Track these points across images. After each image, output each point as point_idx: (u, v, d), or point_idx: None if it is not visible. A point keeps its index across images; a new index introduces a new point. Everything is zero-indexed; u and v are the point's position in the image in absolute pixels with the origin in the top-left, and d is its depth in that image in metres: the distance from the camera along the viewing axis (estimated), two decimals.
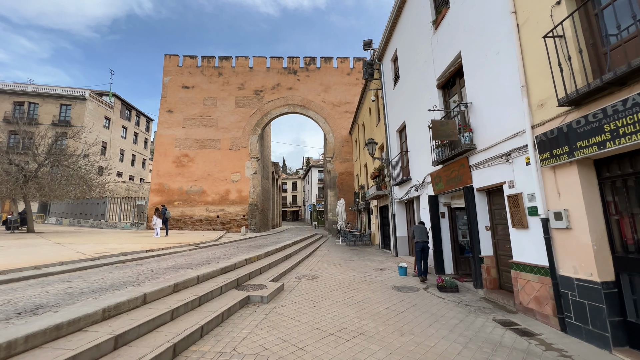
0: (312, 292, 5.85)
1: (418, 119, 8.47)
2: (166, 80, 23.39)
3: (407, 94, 9.40)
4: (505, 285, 5.25)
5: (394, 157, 10.83)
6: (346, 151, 23.25)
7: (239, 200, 21.88)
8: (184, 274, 5.34)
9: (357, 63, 24.58)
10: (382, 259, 10.22)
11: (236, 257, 7.93)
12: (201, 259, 8.41)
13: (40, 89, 32.98)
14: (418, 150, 8.56)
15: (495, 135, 4.98)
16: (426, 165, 7.85)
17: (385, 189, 11.83)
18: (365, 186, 16.94)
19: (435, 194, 7.38)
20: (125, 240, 12.03)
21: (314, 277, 7.23)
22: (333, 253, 12.04)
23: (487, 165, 5.23)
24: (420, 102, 8.34)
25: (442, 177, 6.85)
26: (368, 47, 12.69)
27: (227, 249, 11.33)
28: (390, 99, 11.37)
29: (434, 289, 6.07)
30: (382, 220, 13.43)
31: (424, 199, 8.02)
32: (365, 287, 6.31)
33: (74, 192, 15.12)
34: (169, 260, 8.02)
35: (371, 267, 8.64)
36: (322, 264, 9.37)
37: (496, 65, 4.94)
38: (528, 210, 4.27)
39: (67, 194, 14.70)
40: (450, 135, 5.55)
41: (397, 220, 10.82)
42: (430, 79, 7.55)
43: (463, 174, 5.97)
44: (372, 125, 15.05)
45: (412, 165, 9.18)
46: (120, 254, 8.19)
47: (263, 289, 5.64)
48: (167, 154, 22.33)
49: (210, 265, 6.93)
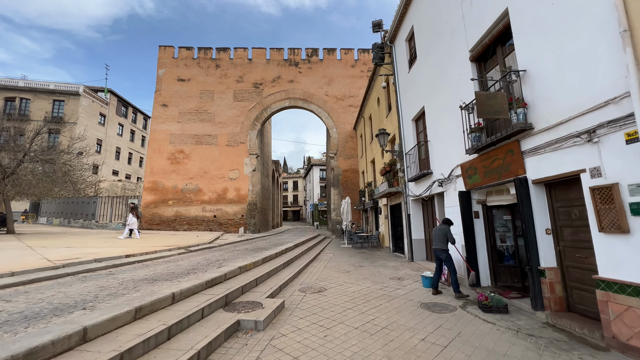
0: (320, 313, 4.61)
1: (442, 102, 7.22)
2: (160, 72, 22.19)
3: (427, 75, 8.15)
4: (576, 307, 4.00)
5: (409, 149, 9.58)
6: (350, 147, 21.99)
7: (237, 199, 20.66)
8: (155, 292, 4.10)
9: (362, 55, 23.33)
10: (397, 265, 8.97)
11: (229, 264, 6.70)
12: (188, 266, 7.18)
13: (32, 84, 31.86)
14: (442, 138, 7.31)
15: (567, 108, 3.73)
16: (454, 155, 6.60)
17: (397, 186, 10.58)
18: (372, 183, 15.69)
19: (467, 190, 6.13)
20: (109, 243, 10.81)
21: (320, 290, 5.99)
22: (339, 257, 10.80)
23: (552, 149, 3.98)
24: (445, 81, 7.09)
25: (478, 168, 5.60)
26: (378, 29, 11.44)
27: (221, 252, 10.11)
28: (404, 84, 10.11)
29: (474, 307, 4.82)
30: (393, 220, 12.17)
31: (452, 196, 6.77)
32: (386, 304, 5.06)
33: (58, 189, 13.90)
34: (149, 268, 6.79)
35: (386, 276, 7.40)
36: (329, 270, 8.13)
37: (570, 12, 3.69)
38: (630, 207, 3.02)
39: (48, 192, 13.48)
40: (500, 112, 4.30)
41: (412, 220, 9.57)
42: (460, 52, 6.30)
43: (511, 163, 4.72)
44: (381, 117, 13.80)
45: (433, 157, 7.93)
46: (92, 261, 6.97)
47: (258, 308, 4.41)
48: (161, 150, 21.12)
49: (195, 276, 5.70)
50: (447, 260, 5.62)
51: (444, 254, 5.68)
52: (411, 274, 7.53)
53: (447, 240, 5.69)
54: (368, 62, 23.14)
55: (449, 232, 5.70)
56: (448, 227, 5.76)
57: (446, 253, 5.66)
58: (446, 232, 5.70)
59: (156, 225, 20.03)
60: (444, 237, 5.70)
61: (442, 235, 5.72)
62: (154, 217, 20.21)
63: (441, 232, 5.76)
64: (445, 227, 5.79)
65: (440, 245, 5.72)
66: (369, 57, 23.29)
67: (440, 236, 5.75)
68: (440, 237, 5.74)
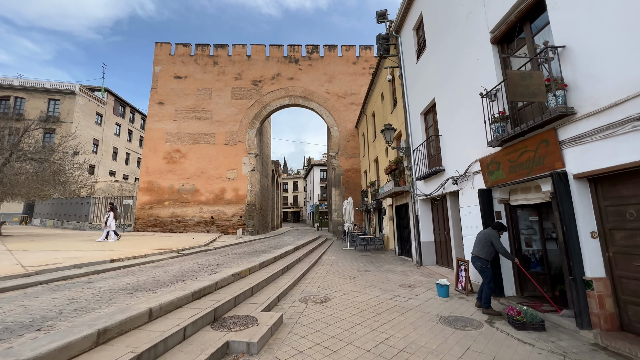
0: (324, 330, 3.95)
1: (457, 92, 6.59)
2: (157, 69, 21.57)
3: (438, 64, 7.52)
4: (633, 327, 3.34)
5: (417, 145, 8.93)
6: (352, 146, 21.35)
7: (235, 199, 20.00)
8: (128, 308, 3.44)
9: (364, 51, 22.72)
10: (405, 270, 8.31)
11: (222, 271, 6.05)
12: (177, 272, 6.53)
13: (27, 83, 31.28)
14: (456, 132, 6.67)
15: (624, 86, 3.09)
16: (471, 149, 5.96)
17: (404, 185, 9.93)
18: (376, 183, 15.04)
19: (488, 187, 5.48)
20: (98, 246, 10.15)
21: (324, 300, 5.33)
22: (342, 261, 10.14)
23: (601, 137, 3.34)
24: (460, 69, 6.45)
25: (502, 162, 4.96)
26: (383, 19, 10.82)
27: (216, 256, 9.45)
28: (411, 76, 9.48)
29: (502, 323, 4.16)
30: (399, 221, 11.52)
31: (469, 195, 6.12)
32: (399, 318, 4.41)
33: (47, 189, 13.25)
34: (133, 275, 6.13)
35: (395, 282, 6.74)
36: (332, 276, 7.47)
37: None
38: None
39: (36, 192, 12.83)
40: (536, 94, 3.66)
41: (421, 221, 8.92)
42: (479, 34, 5.67)
43: (546, 155, 4.08)
44: (385, 114, 13.16)
45: (445, 152, 7.29)
46: (71, 267, 6.32)
47: (252, 324, 3.76)
48: (157, 150, 20.48)
49: (182, 285, 5.05)
50: (482, 271, 4.65)
51: (478, 263, 4.69)
52: (422, 281, 6.87)
53: (490, 250, 4.60)
54: (370, 59, 22.55)
55: (495, 239, 4.55)
56: (496, 233, 4.64)
57: (482, 262, 4.65)
58: (491, 239, 4.58)
59: (151, 227, 19.36)
60: (487, 245, 4.63)
61: (485, 241, 4.66)
62: (149, 219, 19.56)
63: (485, 237, 4.70)
64: (492, 232, 4.67)
65: (478, 252, 4.70)
66: (371, 53, 22.71)
67: (482, 241, 4.72)
68: (481, 243, 4.71)
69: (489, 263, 4.65)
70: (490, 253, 4.63)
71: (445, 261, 8.21)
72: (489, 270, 4.63)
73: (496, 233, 4.66)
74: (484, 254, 4.65)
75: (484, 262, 4.65)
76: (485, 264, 4.64)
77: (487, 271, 4.63)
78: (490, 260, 4.65)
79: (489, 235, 4.66)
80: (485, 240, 4.67)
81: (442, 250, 8.43)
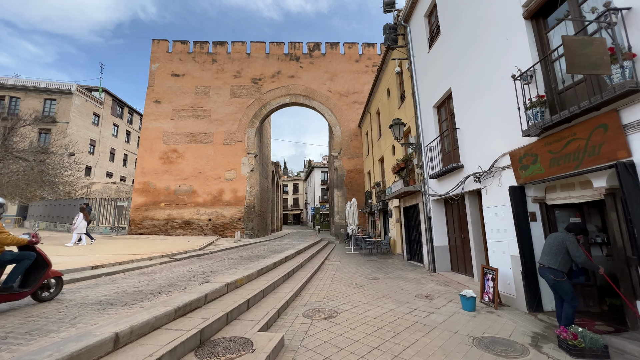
0: (335, 357, 3.21)
1: (478, 78, 5.89)
2: (154, 67, 20.95)
3: (455, 50, 6.84)
4: None
5: (429, 141, 8.23)
6: (355, 146, 20.66)
7: (233, 201, 19.28)
8: (88, 333, 2.70)
9: (367, 49, 22.10)
10: (417, 277, 7.57)
11: (215, 279, 5.32)
12: (165, 280, 5.80)
13: (22, 82, 30.70)
14: (478, 123, 5.96)
15: None
16: (498, 141, 5.25)
17: (414, 184, 9.21)
18: (381, 184, 14.32)
19: (521, 184, 4.75)
20: (85, 251, 9.43)
21: (331, 315, 4.59)
22: (347, 266, 9.40)
23: None
24: (482, 53, 5.77)
25: (541, 154, 4.24)
26: (390, 9, 10.16)
27: (210, 261, 8.71)
28: (422, 67, 8.80)
29: (551, 346, 3.42)
30: (407, 224, 10.79)
31: (495, 193, 5.40)
32: (424, 339, 3.67)
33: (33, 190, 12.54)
34: (114, 284, 5.40)
35: (410, 292, 6.00)
36: (338, 284, 6.73)
37: None
38: None
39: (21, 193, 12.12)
40: (598, 65, 2.96)
41: (434, 224, 8.19)
42: (507, 11, 4.98)
43: (603, 143, 3.37)
44: (391, 110, 12.47)
45: (464, 147, 6.58)
46: None
47: (247, 350, 3.03)
48: (153, 149, 19.79)
49: (166, 298, 4.32)
50: (556, 286, 3.60)
51: (550, 276, 3.62)
52: (440, 290, 6.13)
53: (565, 258, 3.59)
54: (373, 57, 21.93)
55: (572, 245, 3.53)
56: (573, 238, 3.60)
57: (555, 274, 3.58)
58: (567, 245, 3.57)
59: (146, 230, 18.62)
60: (560, 252, 3.60)
61: (558, 248, 3.62)
62: (144, 221, 18.82)
63: (557, 243, 3.66)
64: (568, 236, 3.62)
65: (549, 261, 3.67)
66: (374, 51, 22.10)
67: (553, 248, 3.68)
68: (553, 250, 3.67)
69: (565, 275, 3.58)
70: (566, 262, 3.61)
71: (462, 267, 7.47)
72: (566, 285, 3.56)
73: (573, 237, 3.61)
74: (557, 264, 3.60)
75: (558, 274, 3.59)
76: (559, 276, 3.58)
77: (563, 285, 3.56)
78: (566, 271, 3.61)
79: (563, 240, 3.63)
80: (558, 247, 3.64)
81: (457, 255, 7.69)
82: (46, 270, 4.13)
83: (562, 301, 3.64)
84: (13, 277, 3.82)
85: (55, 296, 4.34)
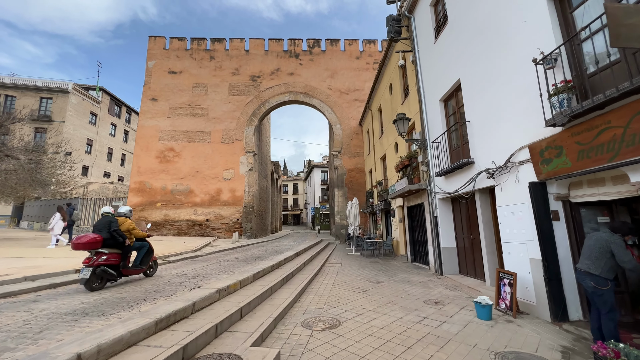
0: None
1: (491, 67, 5.46)
2: (150, 64, 20.52)
3: (465, 38, 6.41)
4: None
5: (435, 137, 7.80)
6: (356, 145, 20.23)
7: (232, 201, 18.84)
8: (44, 355, 2.26)
9: (368, 45, 21.68)
10: (424, 280, 7.13)
11: (208, 284, 4.89)
12: (152, 285, 5.36)
13: (18, 80, 30.28)
14: (491, 115, 5.53)
15: None
16: (516, 134, 4.82)
17: (419, 182, 8.78)
18: (383, 182, 13.89)
19: (542, 180, 4.32)
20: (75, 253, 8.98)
21: (333, 324, 4.15)
22: (349, 268, 8.96)
23: None
24: (495, 39, 5.34)
25: (567, 146, 3.81)
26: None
27: (205, 263, 8.28)
28: (428, 59, 8.37)
29: None
30: (412, 224, 10.35)
31: (511, 191, 4.96)
32: (439, 354, 3.23)
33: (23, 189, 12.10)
34: (93, 293, 4.95)
35: (418, 298, 5.56)
36: (340, 289, 6.29)
37: None
38: None
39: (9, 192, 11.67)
40: None
41: (440, 224, 7.76)
42: None
43: None
44: (394, 106, 12.04)
45: (475, 142, 6.14)
46: (21, 279, 5.15)
47: None
48: (149, 148, 19.36)
49: (148, 308, 3.88)
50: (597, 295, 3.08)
51: (590, 283, 3.10)
52: (449, 296, 5.69)
53: (610, 263, 3.06)
54: (374, 54, 21.51)
55: (619, 248, 2.99)
56: (619, 239, 3.05)
57: (598, 281, 3.06)
58: (611, 248, 3.03)
59: None
60: (604, 256, 3.07)
61: (602, 251, 3.09)
62: (140, 221, 18.32)
63: (600, 245, 3.12)
64: (613, 237, 3.08)
65: (590, 266, 3.12)
66: (375, 48, 21.68)
67: (595, 251, 3.13)
68: (595, 253, 3.13)
69: (609, 283, 3.04)
70: (611, 268, 3.06)
71: (471, 270, 7.03)
72: (608, 294, 3.04)
73: (620, 239, 3.06)
74: (600, 270, 3.07)
75: (601, 281, 3.05)
76: (602, 283, 3.05)
77: (606, 295, 3.04)
78: (611, 278, 3.06)
79: (607, 241, 3.08)
80: (600, 250, 3.10)
81: (466, 257, 7.26)
82: (152, 255, 6.19)
83: (598, 311, 3.19)
84: (138, 258, 5.84)
85: (154, 274, 6.38)
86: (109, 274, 5.03)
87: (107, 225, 5.26)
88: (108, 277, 5.07)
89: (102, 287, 5.02)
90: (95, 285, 4.91)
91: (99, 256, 5.01)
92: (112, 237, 5.22)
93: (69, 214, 10.80)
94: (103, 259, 5.03)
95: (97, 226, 5.31)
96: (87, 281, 4.79)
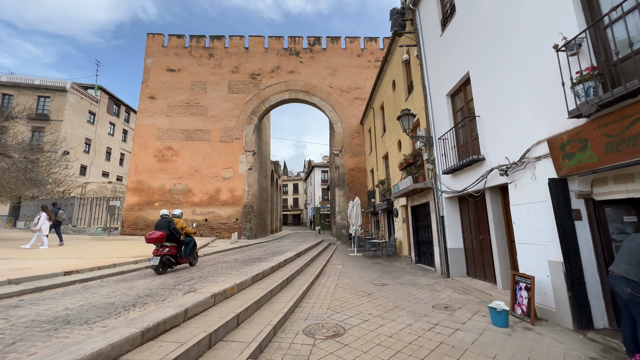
0: None
1: (505, 57, 5.16)
2: (148, 62, 20.22)
3: (474, 29, 6.10)
4: None
5: (442, 133, 7.49)
6: (357, 143, 19.92)
7: (231, 200, 18.52)
8: None
9: (369, 43, 21.38)
10: (430, 283, 6.81)
11: (202, 288, 4.58)
12: (145, 289, 5.04)
13: (15, 79, 29.99)
14: (503, 108, 5.22)
15: None
16: (533, 127, 4.51)
17: (424, 181, 8.47)
18: (385, 182, 13.58)
19: (562, 176, 4.01)
20: (67, 254, 8.69)
21: (337, 332, 3.84)
22: (351, 270, 8.64)
23: None
24: (510, 27, 5.04)
25: (593, 139, 3.50)
26: None
27: (202, 265, 7.95)
28: (433, 53, 8.07)
29: None
30: (416, 224, 10.04)
31: (526, 188, 4.65)
32: None
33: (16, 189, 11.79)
34: (85, 294, 4.65)
35: (426, 302, 5.25)
36: (343, 292, 5.98)
37: None
38: None
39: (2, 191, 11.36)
40: None
41: (447, 224, 7.45)
42: None
43: None
44: (397, 103, 11.74)
45: (485, 137, 5.84)
46: (5, 282, 4.84)
47: None
48: (147, 147, 19.05)
49: (137, 315, 3.57)
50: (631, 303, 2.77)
51: (626, 289, 2.76)
52: (459, 300, 5.38)
53: None
54: (376, 52, 21.21)
55: None
56: None
57: (635, 288, 2.73)
58: None
59: (140, 230, 17.85)
60: None
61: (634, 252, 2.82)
62: (137, 221, 18.05)
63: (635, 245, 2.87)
64: None
65: (628, 271, 2.78)
66: (377, 45, 21.38)
67: (635, 255, 2.81)
68: (635, 258, 2.80)
69: None
70: None
71: (480, 273, 6.72)
72: None
73: None
74: (636, 275, 2.75)
75: (638, 287, 2.74)
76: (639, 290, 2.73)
77: None
78: None
79: None
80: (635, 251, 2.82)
81: (475, 259, 6.94)
82: (196, 248, 7.65)
83: (632, 320, 2.87)
84: (186, 250, 7.20)
85: (196, 263, 7.77)
86: (170, 262, 6.56)
87: (167, 225, 6.65)
88: (169, 264, 6.57)
89: (164, 272, 6.47)
90: (161, 270, 6.36)
91: (164, 248, 6.45)
92: (171, 233, 6.63)
93: (54, 214, 10.42)
94: (166, 250, 6.48)
95: (159, 225, 6.67)
96: (156, 267, 6.26)
